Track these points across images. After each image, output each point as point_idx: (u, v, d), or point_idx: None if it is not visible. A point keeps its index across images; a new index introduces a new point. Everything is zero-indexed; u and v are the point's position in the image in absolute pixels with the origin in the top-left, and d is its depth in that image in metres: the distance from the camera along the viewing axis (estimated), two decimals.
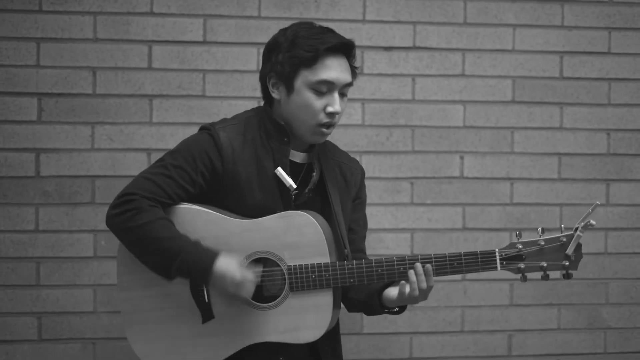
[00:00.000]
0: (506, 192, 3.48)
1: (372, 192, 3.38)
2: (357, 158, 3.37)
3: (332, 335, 2.42)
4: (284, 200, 2.35)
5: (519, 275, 2.33)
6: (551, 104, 3.50)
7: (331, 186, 2.41)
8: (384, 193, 3.40)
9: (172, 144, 2.49)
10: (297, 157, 2.40)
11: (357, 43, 3.34)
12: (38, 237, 3.23)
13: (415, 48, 3.42)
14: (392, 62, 3.41)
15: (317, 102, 2.31)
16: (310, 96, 2.31)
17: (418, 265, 2.27)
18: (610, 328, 3.54)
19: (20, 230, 3.22)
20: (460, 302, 3.46)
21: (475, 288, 3.46)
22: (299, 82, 2.32)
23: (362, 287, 2.39)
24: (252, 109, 2.47)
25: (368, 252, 2.65)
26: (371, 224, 3.37)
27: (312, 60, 2.30)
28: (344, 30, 3.35)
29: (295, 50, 2.31)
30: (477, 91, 3.46)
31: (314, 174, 2.41)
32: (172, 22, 3.29)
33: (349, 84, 2.37)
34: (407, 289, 2.27)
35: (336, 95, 2.33)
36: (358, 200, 2.55)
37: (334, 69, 2.32)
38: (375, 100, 3.40)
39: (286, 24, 2.50)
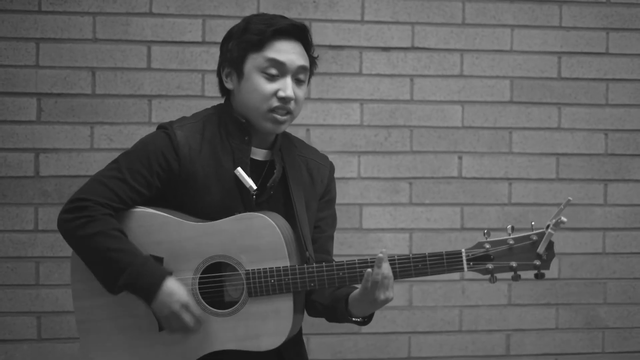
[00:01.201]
0: (504, 192, 3.49)
1: (371, 192, 3.38)
2: (356, 158, 3.38)
3: (296, 339, 2.34)
4: (244, 200, 2.25)
5: (487, 277, 2.20)
6: (549, 105, 3.51)
7: (294, 184, 2.31)
8: (382, 193, 3.40)
9: None
10: (259, 154, 2.30)
11: (355, 43, 3.41)
12: (37, 237, 3.23)
13: (413, 48, 3.43)
14: (390, 63, 3.41)
15: (268, 86, 2.22)
16: (260, 80, 2.22)
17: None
18: (608, 328, 3.55)
19: (19, 230, 3.22)
20: (458, 302, 3.46)
21: (473, 288, 3.47)
22: (248, 66, 2.23)
23: (327, 291, 2.29)
24: (213, 107, 2.37)
25: (366, 252, 2.62)
26: (370, 223, 3.38)
27: (260, 43, 2.22)
28: (343, 31, 3.36)
29: (245, 36, 2.23)
30: (475, 91, 3.46)
31: (275, 171, 2.30)
32: (171, 22, 3.29)
33: (304, 68, 2.26)
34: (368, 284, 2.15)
35: (288, 79, 2.22)
36: (326, 198, 2.41)
37: (283, 52, 2.22)
38: (374, 101, 3.41)
39: None
